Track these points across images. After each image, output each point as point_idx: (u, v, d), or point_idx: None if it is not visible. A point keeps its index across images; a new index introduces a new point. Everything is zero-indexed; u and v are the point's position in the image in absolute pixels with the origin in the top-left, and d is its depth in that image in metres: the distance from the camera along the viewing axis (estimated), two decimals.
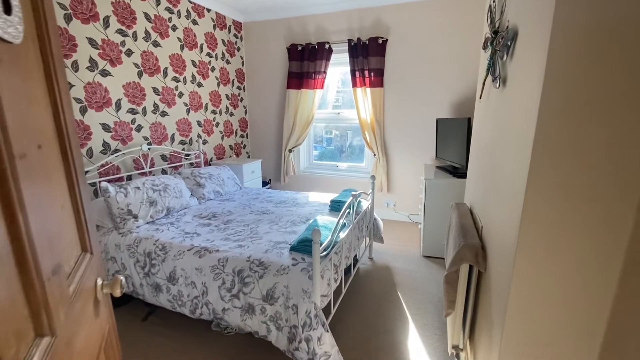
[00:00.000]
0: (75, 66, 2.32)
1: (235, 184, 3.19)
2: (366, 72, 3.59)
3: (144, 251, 1.94)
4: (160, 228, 2.13)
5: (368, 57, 3.56)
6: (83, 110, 2.40)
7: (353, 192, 2.07)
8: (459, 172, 2.84)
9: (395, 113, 3.69)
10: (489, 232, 1.39)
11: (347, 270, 2.29)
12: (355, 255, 2.48)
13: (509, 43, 1.19)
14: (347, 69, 3.84)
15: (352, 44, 3.58)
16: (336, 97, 4.20)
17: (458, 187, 2.70)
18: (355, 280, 2.49)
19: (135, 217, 2.17)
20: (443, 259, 2.87)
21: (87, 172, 2.43)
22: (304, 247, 1.71)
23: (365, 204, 2.60)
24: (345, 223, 2.05)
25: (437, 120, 3.30)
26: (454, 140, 2.95)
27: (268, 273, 1.62)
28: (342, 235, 1.95)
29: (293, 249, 1.75)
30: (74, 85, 2.32)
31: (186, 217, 2.37)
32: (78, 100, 2.36)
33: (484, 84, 1.64)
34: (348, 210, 2.04)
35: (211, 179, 2.93)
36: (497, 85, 1.33)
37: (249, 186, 3.66)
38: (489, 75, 1.54)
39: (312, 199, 2.81)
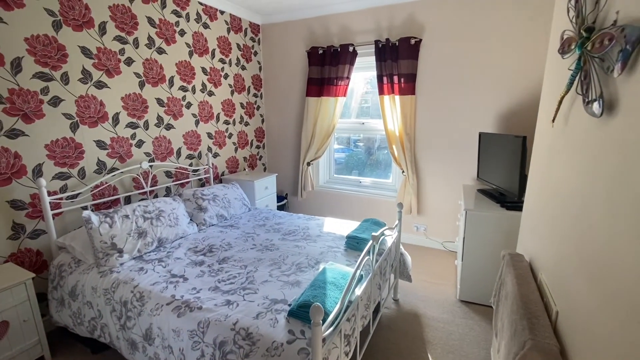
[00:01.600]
0: (65, 78, 2.09)
1: (243, 204, 2.86)
2: (395, 78, 3.12)
3: (121, 299, 1.63)
4: (144, 267, 1.82)
5: (398, 60, 3.09)
6: (74, 127, 2.17)
7: (374, 234, 1.64)
8: (508, 202, 2.31)
9: (429, 124, 3.19)
10: (572, 327, 0.92)
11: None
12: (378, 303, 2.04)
13: (628, 47, 0.71)
14: (373, 73, 3.39)
15: (380, 45, 3.13)
16: (360, 105, 3.76)
17: (508, 222, 2.17)
18: (376, 332, 2.05)
19: (120, 251, 1.89)
20: (485, 306, 2.35)
21: (77, 194, 2.20)
22: (305, 313, 1.32)
23: (390, 237, 2.16)
24: (362, 275, 1.62)
25: (480, 135, 2.76)
26: (502, 161, 2.42)
27: (255, 352, 1.24)
28: (359, 291, 1.53)
29: (292, 314, 1.35)
30: (63, 100, 2.09)
31: (179, 250, 2.05)
32: (68, 116, 2.13)
33: (560, 102, 1.16)
34: (367, 257, 1.61)
35: (215, 200, 2.62)
36: (598, 111, 0.85)
37: (260, 204, 3.33)
38: (575, 91, 1.05)
39: (327, 229, 2.40)
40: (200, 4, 3.04)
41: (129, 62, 2.47)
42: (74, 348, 1.96)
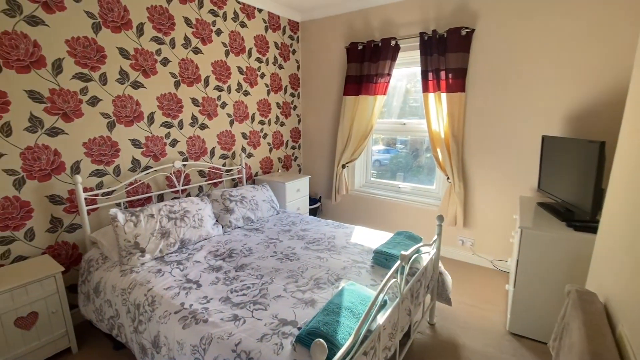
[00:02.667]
0: (103, 79, 2.16)
1: (271, 207, 2.76)
2: (442, 73, 2.80)
3: (135, 301, 1.61)
4: (162, 270, 1.79)
5: (446, 53, 2.77)
6: (110, 126, 2.24)
7: (403, 253, 1.40)
8: (577, 220, 1.90)
9: (480, 125, 2.81)
10: None
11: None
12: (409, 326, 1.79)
13: None
14: (417, 69, 3.10)
15: (426, 37, 2.83)
16: (402, 104, 3.47)
17: (576, 246, 1.78)
18: None
19: (142, 251, 1.88)
20: (540, 342, 1.97)
21: (112, 191, 2.27)
22: (313, 341, 1.14)
23: (427, 254, 1.90)
24: (386, 300, 1.40)
25: (544, 139, 2.34)
26: (571, 171, 2.00)
27: None
28: (381, 318, 1.32)
29: (299, 340, 1.19)
30: (100, 100, 2.16)
31: (200, 253, 2.00)
32: (105, 116, 2.20)
33: None
34: (394, 279, 1.39)
35: (243, 202, 2.55)
36: None
37: (291, 207, 3.22)
38: None
39: (355, 240, 2.19)
40: (238, 2, 3.01)
41: (165, 62, 2.50)
42: (99, 342, 2.00)
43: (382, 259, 1.80)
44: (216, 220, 2.39)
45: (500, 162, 2.76)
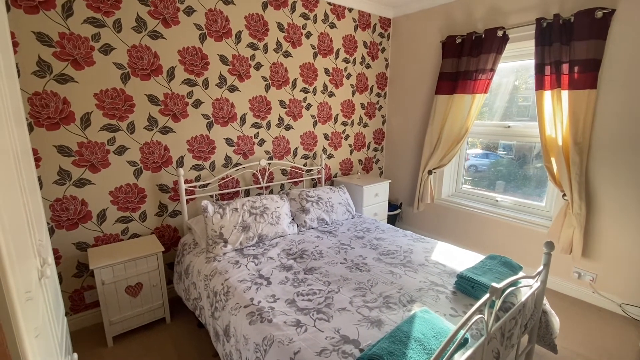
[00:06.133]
0: (205, 84, 2.41)
1: (347, 210, 2.70)
2: (564, 66, 2.29)
3: (214, 288, 1.74)
4: (240, 262, 1.90)
5: (572, 42, 2.25)
6: (209, 126, 2.49)
7: (495, 285, 1.16)
8: None
9: (617, 131, 2.21)
10: None
11: None
12: None
13: None
14: (528, 63, 2.62)
15: (544, 24, 2.36)
16: (507, 103, 2.98)
17: None
18: None
19: (226, 242, 2.04)
20: None
21: (208, 184, 2.53)
22: None
23: (527, 286, 1.56)
24: (467, 338, 1.18)
25: None
26: None
27: None
28: (460, 358, 1.12)
29: None
30: (202, 102, 2.42)
31: (274, 250, 2.07)
32: (205, 116, 2.46)
33: None
34: (480, 314, 1.16)
35: (319, 203, 2.55)
36: None
37: (368, 212, 3.09)
38: None
39: (435, 257, 1.95)
40: (329, 3, 3.02)
41: (258, 66, 2.67)
42: (188, 316, 2.25)
43: (467, 286, 1.54)
44: (292, 219, 2.45)
45: None
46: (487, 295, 1.18)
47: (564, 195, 2.40)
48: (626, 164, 2.19)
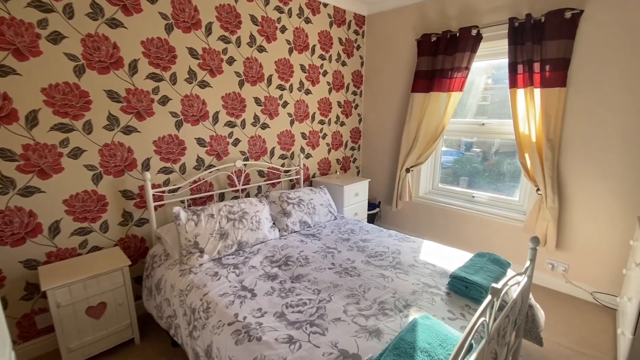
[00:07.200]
0: (173, 79, 2.20)
1: (329, 212, 2.61)
2: (536, 65, 2.36)
3: (191, 305, 1.57)
4: (219, 273, 1.74)
5: (543, 41, 2.32)
6: (179, 125, 2.28)
7: (495, 286, 1.12)
8: None
9: (586, 127, 2.31)
10: None
11: None
12: None
13: None
14: (501, 61, 2.69)
15: (516, 24, 2.41)
16: (480, 102, 3.04)
17: None
18: None
19: (202, 251, 1.86)
20: None
21: (178, 188, 2.32)
22: None
23: (515, 284, 1.55)
24: (472, 343, 1.14)
25: None
26: None
27: None
28: None
29: None
30: (170, 99, 2.21)
31: (256, 257, 1.92)
32: (174, 114, 2.25)
33: None
34: (483, 318, 1.12)
35: (300, 205, 2.44)
36: None
37: (349, 212, 3.03)
38: None
39: (424, 257, 1.92)
40: None
41: (231, 61, 2.50)
42: (160, 335, 2.04)
43: (460, 286, 1.51)
44: (273, 223, 2.31)
45: (610, 173, 2.24)
46: (489, 297, 1.14)
47: (538, 190, 2.47)
48: (594, 159, 2.29)
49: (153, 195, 2.15)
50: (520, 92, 2.46)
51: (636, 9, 2.02)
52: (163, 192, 2.25)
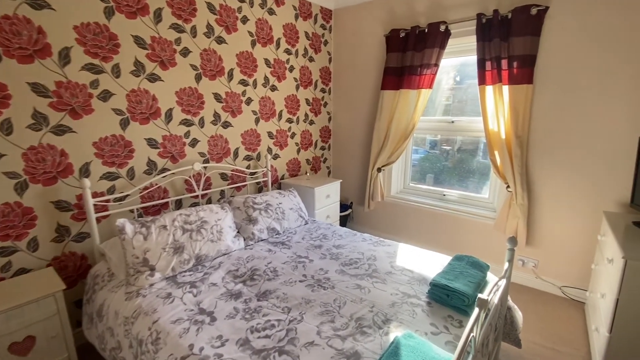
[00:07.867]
0: (115, 71, 1.92)
1: (299, 216, 2.44)
2: (504, 62, 2.35)
3: (137, 335, 1.33)
4: (173, 294, 1.51)
5: (509, 38, 2.31)
6: (124, 123, 2.00)
7: (481, 297, 1.01)
8: None
9: (552, 124, 2.33)
10: None
11: None
12: None
13: None
14: (470, 58, 2.66)
15: (484, 20, 2.39)
16: (450, 99, 3.02)
17: None
18: None
19: (152, 269, 1.62)
20: None
21: (126, 196, 2.03)
22: None
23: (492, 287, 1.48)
24: None
25: None
26: None
27: None
28: None
29: None
30: (113, 94, 1.93)
31: (217, 273, 1.71)
32: (118, 112, 1.96)
33: None
34: (471, 334, 1.00)
35: (268, 211, 2.24)
36: None
37: (320, 215, 2.88)
38: None
39: (400, 262, 1.81)
40: None
41: (185, 52, 2.24)
42: None
43: (441, 294, 1.41)
44: (237, 232, 2.10)
45: (577, 169, 2.27)
46: (476, 310, 1.03)
47: (508, 187, 2.47)
48: (560, 156, 2.32)
49: (95, 205, 1.86)
50: (489, 89, 2.44)
51: (599, 6, 2.05)
52: (107, 201, 1.96)
